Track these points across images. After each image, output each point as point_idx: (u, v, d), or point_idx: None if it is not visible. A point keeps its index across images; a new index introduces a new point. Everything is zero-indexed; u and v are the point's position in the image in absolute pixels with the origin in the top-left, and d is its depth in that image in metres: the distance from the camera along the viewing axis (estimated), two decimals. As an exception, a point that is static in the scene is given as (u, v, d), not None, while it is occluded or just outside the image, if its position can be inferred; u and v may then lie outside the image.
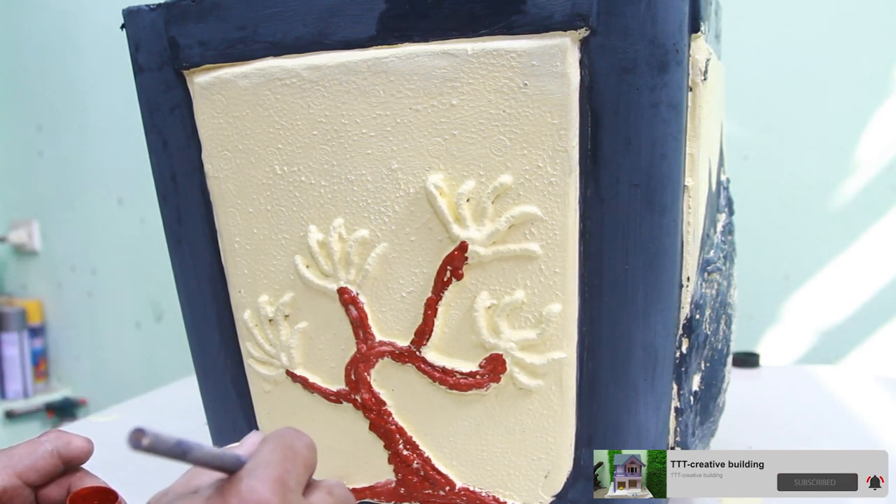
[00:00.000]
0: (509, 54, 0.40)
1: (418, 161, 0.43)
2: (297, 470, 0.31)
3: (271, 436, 0.32)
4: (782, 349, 1.12)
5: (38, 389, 1.75)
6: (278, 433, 0.32)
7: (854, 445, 0.65)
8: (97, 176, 1.64)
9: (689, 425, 0.47)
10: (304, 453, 0.32)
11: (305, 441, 0.33)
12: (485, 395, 0.45)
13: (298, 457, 0.31)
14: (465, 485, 0.47)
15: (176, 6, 0.46)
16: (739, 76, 0.98)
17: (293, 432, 0.33)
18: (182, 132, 0.49)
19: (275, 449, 0.31)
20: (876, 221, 1.06)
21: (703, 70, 0.41)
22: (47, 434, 0.40)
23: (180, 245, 0.52)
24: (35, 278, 1.79)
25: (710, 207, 0.49)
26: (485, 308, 0.44)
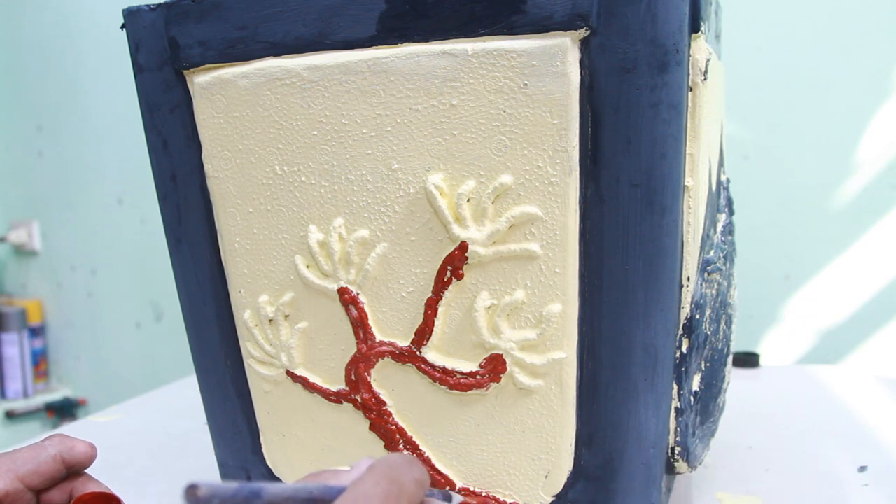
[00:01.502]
0: (509, 54, 0.40)
1: (418, 161, 0.43)
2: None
3: (379, 463, 0.29)
4: (782, 349, 1.12)
5: (38, 389, 1.75)
6: (388, 461, 0.29)
7: (854, 445, 0.65)
8: (97, 176, 1.64)
9: (690, 425, 0.47)
10: (411, 490, 0.29)
11: (416, 476, 0.29)
12: (485, 395, 0.45)
13: (404, 494, 0.28)
14: (465, 485, 0.47)
15: (176, 6, 0.46)
16: (739, 76, 0.98)
17: (405, 463, 0.29)
18: (182, 132, 0.49)
19: (378, 482, 0.27)
20: (876, 221, 1.06)
21: (704, 70, 0.41)
22: (51, 438, 0.40)
23: (180, 245, 0.52)
24: (35, 278, 1.79)
25: (711, 207, 0.49)
26: (485, 308, 0.44)
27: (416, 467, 0.29)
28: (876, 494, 0.55)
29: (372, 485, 0.27)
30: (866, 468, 0.60)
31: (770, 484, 0.58)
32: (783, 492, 0.56)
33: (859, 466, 0.60)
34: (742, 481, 0.58)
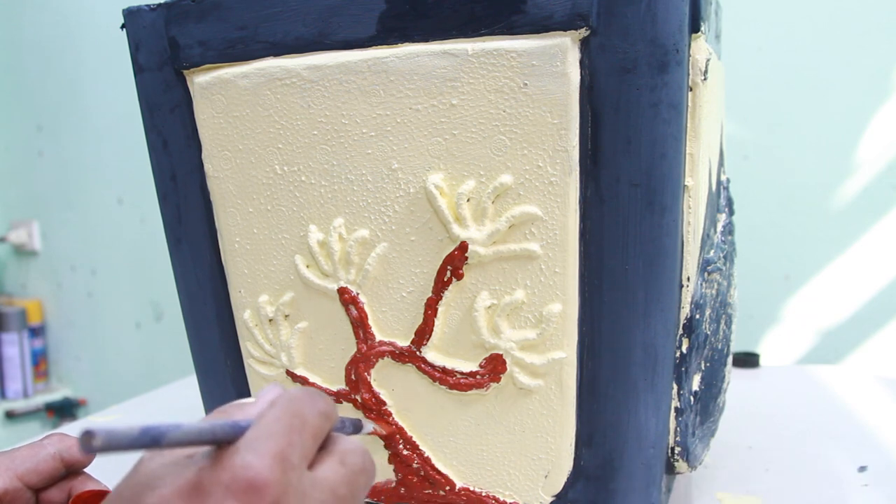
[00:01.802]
0: (509, 54, 0.40)
1: (418, 161, 0.43)
2: (303, 442, 0.28)
3: (281, 398, 0.29)
4: (782, 349, 1.12)
5: (38, 389, 1.75)
6: (288, 397, 0.29)
7: (854, 445, 0.65)
8: (97, 176, 1.64)
9: (689, 425, 0.47)
10: (315, 422, 0.29)
11: (319, 407, 0.29)
12: (485, 395, 0.45)
13: (307, 426, 0.28)
14: (465, 485, 0.47)
15: (176, 6, 0.46)
16: (739, 76, 0.98)
17: (305, 397, 0.29)
18: (182, 132, 0.49)
19: (280, 418, 0.28)
20: (876, 221, 1.06)
21: (704, 70, 0.41)
22: (50, 437, 0.40)
23: (180, 245, 0.52)
24: (35, 278, 1.79)
25: (711, 207, 0.49)
26: (485, 308, 0.44)
27: (319, 399, 0.29)
28: (876, 494, 0.55)
29: (274, 420, 0.27)
30: (866, 468, 0.60)
31: (770, 484, 0.58)
32: (783, 492, 0.56)
33: (859, 466, 0.60)
34: (742, 481, 0.58)
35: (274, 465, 0.25)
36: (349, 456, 0.30)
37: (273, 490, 0.25)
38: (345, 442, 0.30)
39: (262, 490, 0.25)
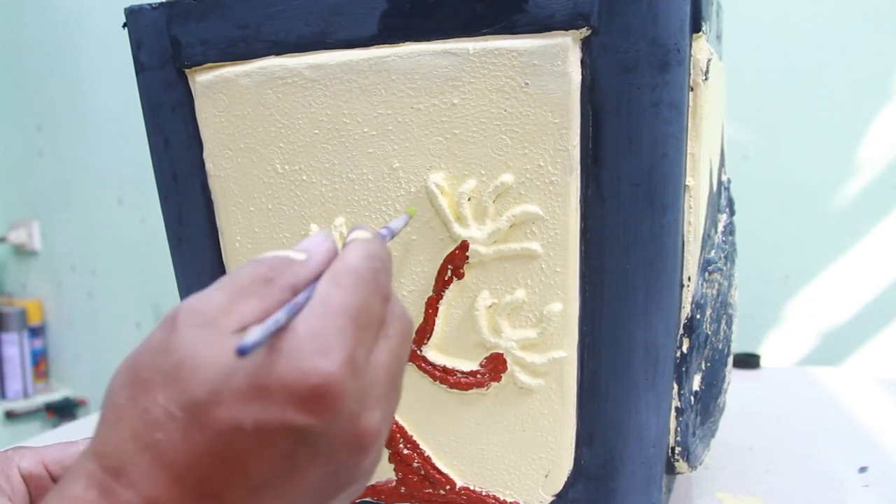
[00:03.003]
0: (511, 53, 0.40)
1: (419, 160, 0.43)
2: (370, 339, 0.25)
3: (345, 278, 0.25)
4: (783, 350, 1.12)
5: (38, 389, 1.75)
6: (355, 277, 0.25)
7: (855, 447, 0.65)
8: (97, 176, 1.64)
9: (690, 425, 0.47)
10: (380, 312, 0.26)
11: (383, 292, 0.26)
12: (485, 395, 0.45)
13: (373, 319, 0.25)
14: (465, 484, 0.47)
15: (178, 5, 0.46)
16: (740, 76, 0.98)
17: (372, 280, 0.26)
18: (183, 131, 0.49)
19: (348, 308, 0.24)
20: (877, 222, 1.06)
21: (705, 70, 0.41)
22: (85, 438, 0.40)
23: (181, 244, 0.52)
24: (35, 278, 1.79)
25: (711, 207, 0.49)
26: (485, 307, 0.44)
27: (383, 275, 0.27)
28: (876, 495, 0.55)
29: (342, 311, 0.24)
30: (867, 469, 0.60)
31: (770, 485, 0.58)
32: (783, 493, 0.56)
33: (860, 467, 0.60)
34: (742, 482, 0.58)
35: (344, 369, 0.23)
36: (392, 324, 0.27)
37: (341, 399, 0.23)
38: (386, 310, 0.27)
39: (331, 400, 0.23)
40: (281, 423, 0.22)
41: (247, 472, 0.23)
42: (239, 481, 0.23)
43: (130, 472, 0.23)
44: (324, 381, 0.23)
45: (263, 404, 0.22)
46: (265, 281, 0.25)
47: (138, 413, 0.23)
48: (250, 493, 0.23)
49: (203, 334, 0.23)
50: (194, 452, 0.23)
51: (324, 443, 0.23)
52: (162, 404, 0.23)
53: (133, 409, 0.23)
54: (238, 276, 0.25)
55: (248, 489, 0.23)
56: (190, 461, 0.23)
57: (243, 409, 0.22)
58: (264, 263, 0.26)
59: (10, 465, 0.38)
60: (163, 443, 0.23)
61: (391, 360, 0.26)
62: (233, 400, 0.22)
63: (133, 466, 0.23)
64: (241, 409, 0.22)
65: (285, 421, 0.22)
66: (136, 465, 0.23)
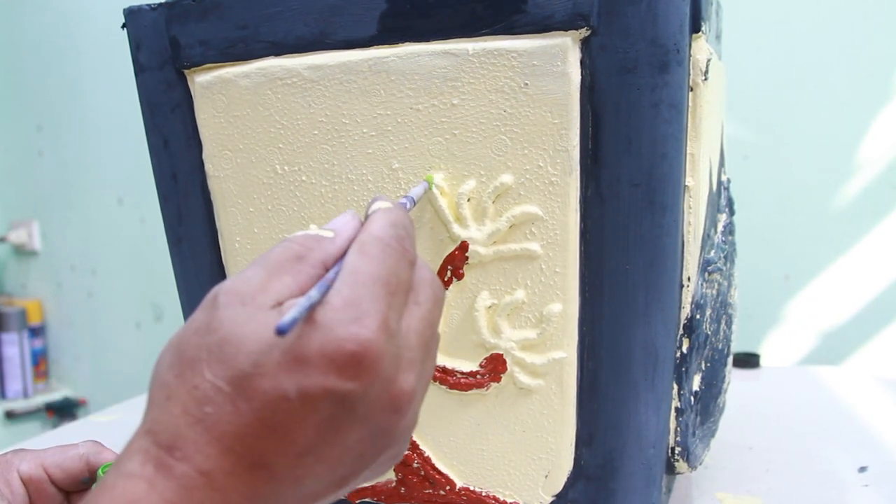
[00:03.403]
0: (510, 54, 0.40)
1: (419, 160, 0.43)
2: (400, 303, 0.26)
3: (372, 247, 0.26)
4: (783, 350, 1.12)
5: (38, 389, 1.75)
6: (381, 246, 0.27)
7: (854, 446, 0.65)
8: (97, 176, 1.64)
9: (690, 425, 0.47)
10: (408, 276, 0.27)
11: (409, 257, 0.27)
12: (485, 395, 0.45)
13: (402, 283, 0.26)
14: (465, 484, 0.47)
15: (177, 5, 0.46)
16: (740, 76, 0.98)
17: (398, 247, 0.27)
18: (183, 132, 0.49)
19: (378, 276, 0.25)
20: (877, 222, 1.06)
21: (704, 70, 0.41)
22: (84, 442, 0.41)
23: (181, 245, 0.52)
24: (35, 278, 1.79)
25: (711, 207, 0.49)
26: (485, 308, 0.44)
27: (407, 241, 0.28)
28: (876, 495, 0.55)
29: (372, 279, 0.25)
30: (867, 469, 0.60)
31: (770, 484, 0.58)
32: (783, 492, 0.56)
33: (860, 467, 0.60)
34: (742, 482, 0.58)
35: (379, 334, 0.24)
36: (421, 290, 0.28)
37: (378, 363, 0.24)
38: (414, 273, 0.28)
39: (368, 364, 0.24)
40: (323, 389, 0.24)
41: (293, 439, 0.24)
42: (286, 448, 0.24)
43: (183, 447, 0.24)
44: (361, 346, 0.24)
45: (306, 373, 0.24)
46: (297, 258, 0.27)
47: (187, 389, 0.24)
48: (296, 458, 0.24)
49: (243, 311, 0.25)
50: (243, 423, 0.24)
51: (362, 406, 0.24)
52: (209, 379, 0.24)
53: (182, 386, 0.24)
54: (271, 255, 0.27)
55: (295, 455, 0.24)
56: (239, 432, 0.24)
57: (287, 378, 0.24)
58: (295, 241, 0.27)
59: (10, 469, 0.38)
60: (212, 416, 0.24)
61: (423, 326, 0.27)
62: (276, 371, 0.24)
63: (185, 441, 0.24)
64: (285, 379, 0.24)
65: (327, 387, 0.24)
66: (188, 439, 0.24)
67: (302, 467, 0.25)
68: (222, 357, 0.24)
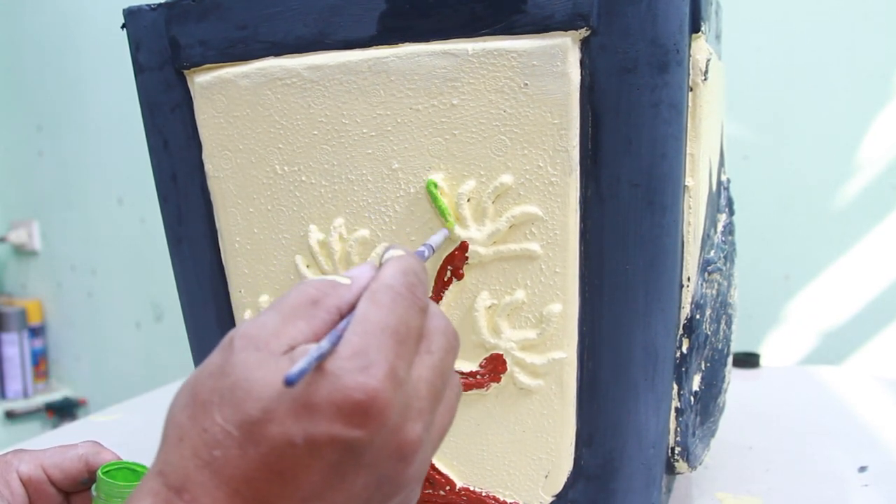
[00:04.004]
0: (510, 54, 0.40)
1: (419, 161, 0.43)
2: (409, 352, 0.26)
3: (383, 296, 0.26)
4: (783, 350, 1.12)
5: (38, 389, 1.75)
6: (392, 295, 0.26)
7: (854, 446, 0.65)
8: (97, 176, 1.64)
9: (690, 425, 0.47)
10: (418, 324, 0.27)
11: (420, 304, 0.27)
12: (485, 395, 0.45)
13: (412, 332, 0.26)
14: (465, 485, 0.47)
15: (177, 6, 0.46)
16: (740, 76, 0.98)
17: (408, 295, 0.27)
18: (182, 132, 0.49)
19: (387, 325, 0.25)
20: (877, 222, 1.06)
21: (704, 70, 0.41)
22: (84, 442, 0.41)
23: (181, 245, 0.52)
24: (35, 278, 1.79)
25: (711, 207, 0.49)
26: (485, 308, 0.44)
27: (419, 289, 0.28)
28: (876, 495, 0.55)
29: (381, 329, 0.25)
30: (866, 468, 0.60)
31: (770, 484, 0.58)
32: (783, 492, 0.56)
33: (859, 467, 0.60)
34: (742, 481, 0.58)
35: (386, 383, 0.24)
36: (434, 339, 0.28)
37: (385, 413, 0.24)
38: (427, 321, 0.28)
39: (375, 413, 0.24)
40: (329, 436, 0.24)
41: (298, 485, 0.24)
42: (291, 493, 0.24)
43: (192, 489, 0.24)
44: (367, 396, 0.24)
45: (313, 420, 0.24)
46: (312, 303, 0.27)
47: (198, 432, 0.25)
48: (301, 503, 0.25)
49: (256, 356, 0.25)
50: (250, 468, 0.24)
51: (369, 454, 0.25)
52: (220, 423, 0.24)
53: (193, 428, 0.25)
54: (287, 299, 0.27)
55: (300, 500, 0.25)
56: (246, 476, 0.24)
57: (294, 425, 0.24)
58: (311, 286, 0.28)
59: (10, 470, 0.38)
60: (220, 459, 0.24)
61: (434, 375, 0.27)
62: (284, 417, 0.24)
63: (194, 484, 0.24)
64: (293, 426, 0.24)
65: (333, 435, 0.24)
66: (196, 482, 0.24)
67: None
68: (233, 401, 0.25)
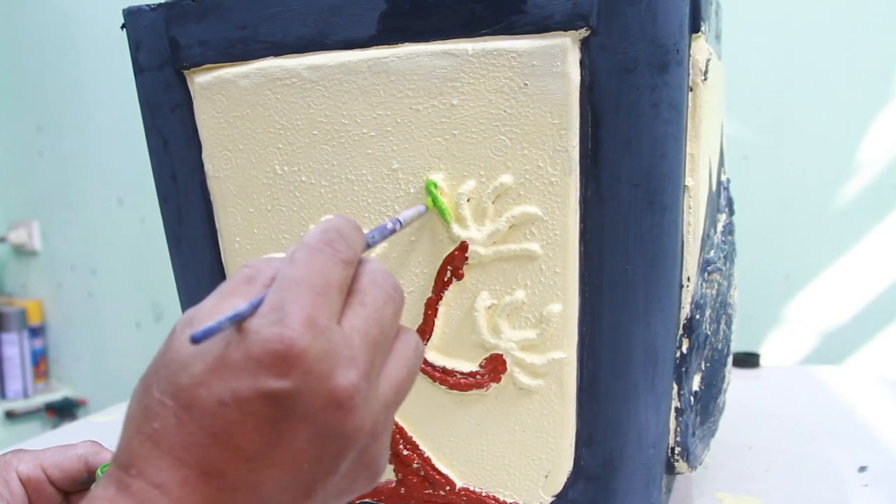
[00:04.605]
0: (510, 54, 0.40)
1: (419, 161, 0.43)
2: (328, 301, 0.26)
3: (298, 254, 0.27)
4: (783, 350, 1.12)
5: (38, 389, 1.75)
6: (307, 250, 0.27)
7: (854, 446, 0.65)
8: (97, 176, 1.64)
9: (690, 425, 0.47)
10: (339, 274, 0.27)
11: (341, 255, 0.27)
12: (485, 395, 0.45)
13: (332, 282, 0.27)
14: (465, 485, 0.47)
15: (177, 6, 0.46)
16: (739, 76, 0.98)
17: (326, 248, 0.27)
18: (182, 132, 0.49)
19: (302, 279, 0.26)
20: (877, 221, 1.06)
21: (704, 70, 0.41)
22: (83, 442, 0.41)
23: (180, 245, 0.52)
24: (35, 278, 1.79)
25: (711, 207, 0.49)
26: (485, 308, 0.44)
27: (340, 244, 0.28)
28: (876, 494, 0.55)
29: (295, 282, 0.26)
30: (867, 468, 0.60)
31: (770, 484, 0.58)
32: (783, 492, 0.56)
33: (860, 467, 0.60)
34: (742, 481, 0.58)
35: (302, 331, 0.25)
36: (368, 292, 0.28)
37: (306, 358, 0.25)
38: (360, 276, 0.29)
39: (295, 360, 0.24)
40: (255, 389, 0.25)
41: (237, 445, 0.25)
42: (232, 454, 0.25)
43: (137, 463, 0.25)
44: (284, 345, 0.24)
45: (237, 377, 0.25)
46: (248, 280, 0.28)
47: (140, 410, 0.26)
48: (246, 463, 0.25)
49: (189, 332, 0.26)
50: (187, 433, 0.25)
51: (300, 404, 0.25)
52: (157, 397, 0.26)
53: (137, 408, 0.26)
54: (227, 281, 0.28)
55: (244, 460, 0.25)
56: (185, 442, 0.25)
57: (220, 384, 0.25)
58: (249, 265, 0.29)
59: (9, 470, 0.38)
60: (160, 430, 0.25)
61: (368, 325, 0.27)
62: (210, 379, 0.25)
63: (138, 458, 0.25)
64: (219, 385, 0.25)
65: (258, 388, 0.25)
66: (140, 455, 0.25)
67: (255, 473, 0.25)
68: (167, 375, 0.26)
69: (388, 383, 0.28)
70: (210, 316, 0.26)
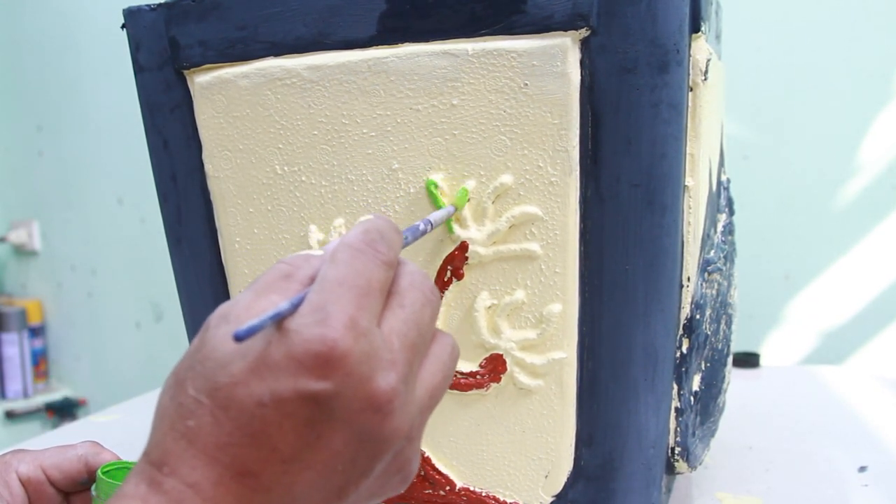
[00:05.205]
0: (510, 54, 0.40)
1: (419, 161, 0.43)
2: (370, 303, 0.26)
3: (340, 254, 0.27)
4: (783, 350, 1.12)
5: (38, 389, 1.75)
6: (350, 252, 0.27)
7: (854, 446, 0.65)
8: (97, 176, 1.64)
9: (690, 425, 0.47)
10: (381, 276, 0.27)
11: (383, 257, 0.27)
12: (485, 395, 0.45)
13: (374, 283, 0.26)
14: (465, 485, 0.47)
15: (176, 6, 0.46)
16: (740, 76, 0.98)
17: (368, 250, 0.27)
18: (182, 132, 0.49)
19: (345, 279, 0.26)
20: (877, 221, 1.06)
21: (704, 70, 0.41)
22: (83, 442, 0.41)
23: (180, 245, 0.52)
24: (35, 278, 1.79)
25: (711, 207, 0.49)
26: (485, 308, 0.44)
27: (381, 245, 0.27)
28: (876, 494, 0.55)
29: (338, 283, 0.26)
30: (866, 468, 0.60)
31: (770, 484, 0.58)
32: (783, 492, 0.56)
33: (859, 467, 0.60)
34: (742, 481, 0.58)
35: (345, 333, 0.24)
36: (407, 294, 0.28)
37: (347, 360, 0.24)
38: (399, 278, 0.28)
39: (337, 362, 0.24)
40: (295, 391, 0.24)
41: (274, 446, 0.24)
42: (269, 455, 0.24)
43: (170, 461, 0.25)
44: (326, 346, 0.24)
45: (277, 378, 0.24)
46: (285, 277, 0.27)
47: (174, 407, 0.25)
48: (282, 465, 0.25)
49: (225, 329, 0.25)
50: (223, 433, 0.24)
51: (338, 406, 0.25)
52: (192, 395, 0.25)
53: (170, 405, 0.26)
54: (263, 277, 0.28)
55: (280, 461, 0.25)
56: (221, 442, 0.24)
57: (260, 385, 0.24)
58: (286, 262, 0.28)
59: (9, 470, 0.38)
60: (195, 429, 0.25)
61: (407, 328, 0.27)
62: (250, 379, 0.24)
63: (172, 456, 0.25)
64: (258, 386, 0.24)
65: (298, 389, 0.24)
66: (174, 454, 0.25)
67: (289, 474, 0.25)
68: (203, 372, 0.25)
69: (424, 387, 0.28)
70: (246, 312, 0.26)
